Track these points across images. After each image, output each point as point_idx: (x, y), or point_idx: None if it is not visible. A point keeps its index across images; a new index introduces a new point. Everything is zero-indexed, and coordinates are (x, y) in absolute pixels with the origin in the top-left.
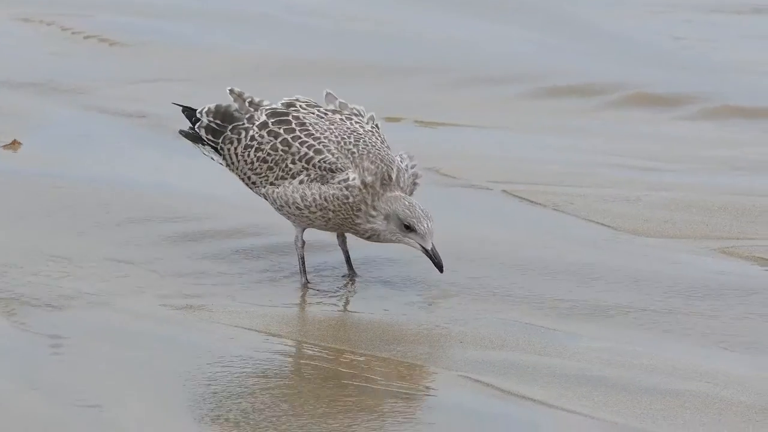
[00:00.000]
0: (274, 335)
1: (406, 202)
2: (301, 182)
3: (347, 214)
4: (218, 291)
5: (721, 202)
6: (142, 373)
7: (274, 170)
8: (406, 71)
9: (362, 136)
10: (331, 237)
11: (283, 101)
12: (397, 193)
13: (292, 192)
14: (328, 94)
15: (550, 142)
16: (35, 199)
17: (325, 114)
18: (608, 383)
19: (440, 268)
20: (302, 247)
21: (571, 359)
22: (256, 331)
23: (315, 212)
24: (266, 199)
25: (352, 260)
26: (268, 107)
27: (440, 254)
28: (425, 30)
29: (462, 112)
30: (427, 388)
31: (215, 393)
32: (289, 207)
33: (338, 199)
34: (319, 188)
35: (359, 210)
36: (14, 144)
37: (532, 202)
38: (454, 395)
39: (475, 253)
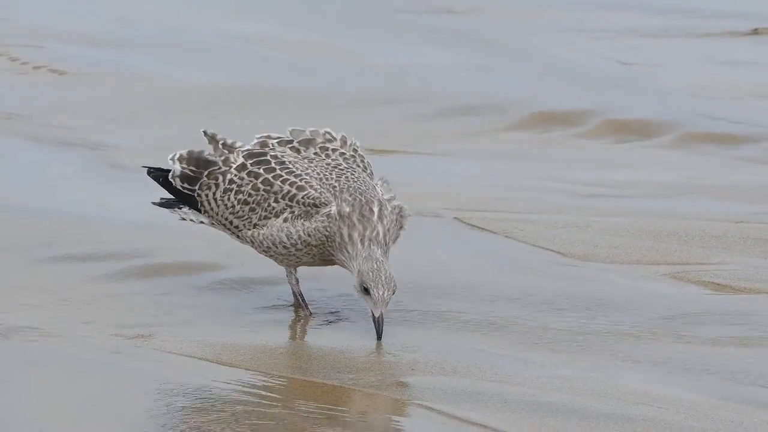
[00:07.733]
0: (225, 364)
1: (375, 265)
2: (285, 220)
3: (326, 248)
4: (169, 321)
5: (671, 228)
6: (91, 403)
7: (256, 211)
8: (355, 100)
9: (344, 171)
10: (280, 271)
11: (256, 140)
12: (377, 252)
13: (278, 231)
14: (293, 130)
15: (500, 169)
16: None
17: (299, 151)
18: (560, 409)
19: (379, 336)
20: (297, 283)
21: (523, 385)
22: (208, 360)
23: (301, 249)
24: (252, 244)
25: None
26: (243, 149)
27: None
28: (373, 58)
29: (412, 140)
30: (379, 415)
31: (164, 424)
32: (276, 247)
33: (318, 231)
34: (303, 224)
35: (333, 242)
36: None
37: (482, 228)
38: (406, 423)
39: (426, 279)
